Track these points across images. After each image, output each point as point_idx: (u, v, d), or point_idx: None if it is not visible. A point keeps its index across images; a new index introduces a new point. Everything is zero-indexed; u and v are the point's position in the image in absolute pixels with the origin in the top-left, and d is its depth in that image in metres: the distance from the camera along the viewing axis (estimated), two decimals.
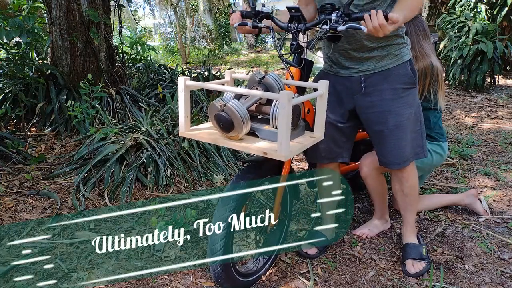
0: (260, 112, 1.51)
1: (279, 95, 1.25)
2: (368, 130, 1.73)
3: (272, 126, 1.42)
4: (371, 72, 1.62)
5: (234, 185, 1.50)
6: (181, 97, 1.49)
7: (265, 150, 1.34)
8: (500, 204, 2.35)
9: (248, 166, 1.59)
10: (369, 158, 1.97)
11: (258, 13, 1.61)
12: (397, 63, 1.62)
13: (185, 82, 1.48)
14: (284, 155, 1.30)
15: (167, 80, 4.52)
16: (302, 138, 1.50)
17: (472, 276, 1.73)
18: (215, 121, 1.43)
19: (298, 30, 1.53)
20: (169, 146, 2.80)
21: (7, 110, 3.31)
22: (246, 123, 1.37)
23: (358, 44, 1.58)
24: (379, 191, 2.01)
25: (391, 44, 1.60)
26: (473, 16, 5.48)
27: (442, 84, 2.02)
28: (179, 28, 10.48)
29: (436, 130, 2.08)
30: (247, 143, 1.40)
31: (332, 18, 1.43)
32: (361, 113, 1.69)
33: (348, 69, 1.66)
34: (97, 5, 3.62)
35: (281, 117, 1.26)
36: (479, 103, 4.84)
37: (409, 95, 1.64)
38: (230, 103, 1.36)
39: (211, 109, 1.43)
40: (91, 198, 2.43)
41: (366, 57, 1.61)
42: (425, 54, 1.97)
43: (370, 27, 1.32)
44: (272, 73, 1.52)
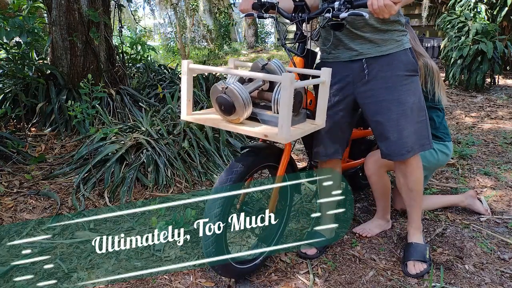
0: (262, 98, 1.51)
1: (281, 77, 1.26)
2: (370, 120, 1.69)
3: (274, 111, 1.43)
4: (372, 55, 1.60)
5: (229, 171, 1.49)
6: (184, 80, 1.49)
7: (265, 133, 1.34)
8: (500, 204, 2.35)
9: (247, 152, 1.58)
10: (374, 156, 1.97)
11: (263, 3, 1.63)
12: (399, 49, 1.61)
13: (188, 65, 1.48)
14: (285, 138, 1.30)
15: (167, 80, 4.52)
16: (302, 125, 1.51)
17: (472, 276, 1.73)
18: (216, 104, 1.42)
19: (302, 20, 1.53)
20: (169, 146, 2.80)
21: (7, 110, 3.31)
22: (247, 106, 1.37)
23: (361, 22, 1.56)
24: (383, 191, 2.01)
25: (393, 30, 1.59)
26: (473, 16, 5.48)
27: (441, 83, 2.03)
28: (179, 28, 10.47)
29: (441, 130, 2.08)
30: (248, 127, 1.40)
31: (335, 6, 1.43)
32: (363, 103, 1.67)
33: (349, 50, 1.63)
34: (97, 5, 3.62)
35: (283, 99, 1.26)
36: (479, 103, 4.84)
37: (412, 83, 1.63)
38: (232, 85, 1.37)
39: (213, 92, 1.43)
40: (91, 198, 2.43)
41: (368, 38, 1.59)
42: (419, 54, 1.99)
43: (376, 7, 1.31)
44: (275, 60, 1.53)
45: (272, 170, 1.70)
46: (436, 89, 2.01)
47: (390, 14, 1.33)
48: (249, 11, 1.68)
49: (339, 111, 1.72)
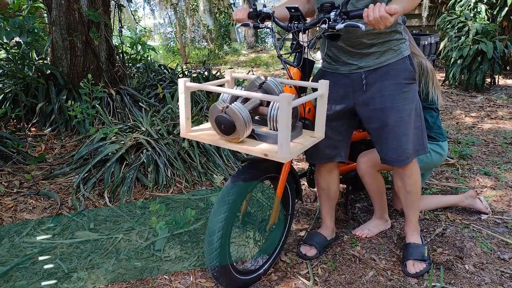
0: (257, 113, 1.50)
1: (279, 97, 1.25)
2: (369, 127, 1.70)
3: (270, 127, 1.42)
4: (371, 68, 1.62)
5: (232, 184, 1.50)
6: (182, 98, 1.49)
7: (266, 152, 1.34)
8: (500, 204, 2.35)
9: (247, 165, 1.58)
10: (366, 156, 1.98)
11: (259, 13, 1.63)
12: (397, 58, 1.62)
13: (185, 84, 1.47)
14: (285, 157, 1.30)
15: (167, 80, 4.52)
16: (302, 139, 1.50)
17: (472, 276, 1.73)
18: (215, 124, 1.41)
19: (298, 30, 1.53)
20: (169, 146, 2.80)
21: (7, 110, 3.31)
22: (248, 125, 1.37)
23: (357, 41, 1.58)
24: (377, 190, 2.01)
25: (390, 40, 1.60)
26: (473, 16, 5.48)
27: (436, 82, 2.04)
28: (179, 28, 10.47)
29: (435, 130, 2.08)
30: (248, 145, 1.40)
31: (331, 16, 1.43)
32: (361, 110, 1.68)
33: (348, 65, 1.65)
34: (97, 5, 3.62)
35: (281, 120, 1.26)
36: (479, 103, 4.84)
37: (409, 91, 1.64)
38: (233, 105, 1.36)
39: (212, 112, 1.42)
40: (91, 198, 2.43)
41: (366, 53, 1.60)
42: (414, 54, 1.99)
43: (371, 18, 1.31)
44: (272, 78, 1.52)
45: (273, 180, 1.70)
46: (430, 88, 2.02)
47: (386, 26, 1.32)
48: (244, 21, 1.68)
49: (339, 117, 1.73)
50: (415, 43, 2.06)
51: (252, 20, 1.66)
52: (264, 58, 9.60)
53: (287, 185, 1.74)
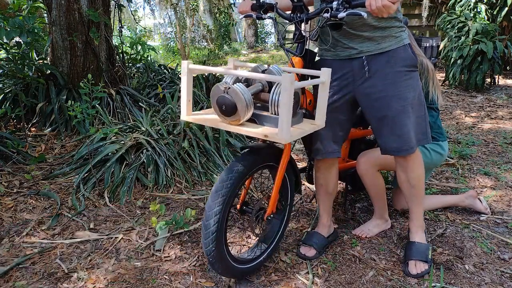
0: (259, 99, 1.51)
1: (281, 77, 1.26)
2: (371, 117, 1.68)
3: (271, 112, 1.43)
4: (372, 53, 1.60)
5: (230, 169, 1.50)
6: (184, 80, 1.49)
7: (266, 133, 1.34)
8: (500, 204, 2.35)
9: (247, 152, 1.58)
10: (366, 156, 1.98)
11: (262, 4, 1.65)
12: (398, 45, 1.61)
13: (188, 65, 1.48)
14: (285, 138, 1.30)
15: (167, 80, 4.52)
16: (302, 125, 1.51)
17: (472, 276, 1.73)
18: (216, 105, 1.42)
19: (300, 20, 1.54)
20: (169, 146, 2.80)
21: (7, 110, 3.31)
22: (249, 107, 1.37)
23: (359, 21, 1.56)
24: (377, 189, 2.01)
25: (391, 27, 1.59)
26: (473, 16, 5.48)
27: (436, 82, 2.04)
28: (179, 28, 10.47)
29: (435, 130, 2.08)
30: (248, 128, 1.40)
31: (333, 6, 1.43)
32: (363, 100, 1.66)
33: (348, 49, 1.63)
34: (97, 5, 3.62)
35: (283, 100, 1.26)
36: (479, 103, 4.84)
37: (411, 78, 1.63)
38: (235, 85, 1.36)
39: (213, 92, 1.42)
40: (91, 198, 2.43)
41: (367, 36, 1.59)
42: (416, 53, 1.99)
43: (374, 7, 1.31)
44: (274, 65, 1.53)
45: (272, 170, 1.70)
46: (431, 88, 2.02)
47: (389, 13, 1.33)
48: (248, 12, 1.70)
49: (338, 108, 1.72)
50: (416, 43, 2.06)
51: (255, 12, 1.67)
52: (264, 58, 9.60)
53: (286, 176, 1.75)
